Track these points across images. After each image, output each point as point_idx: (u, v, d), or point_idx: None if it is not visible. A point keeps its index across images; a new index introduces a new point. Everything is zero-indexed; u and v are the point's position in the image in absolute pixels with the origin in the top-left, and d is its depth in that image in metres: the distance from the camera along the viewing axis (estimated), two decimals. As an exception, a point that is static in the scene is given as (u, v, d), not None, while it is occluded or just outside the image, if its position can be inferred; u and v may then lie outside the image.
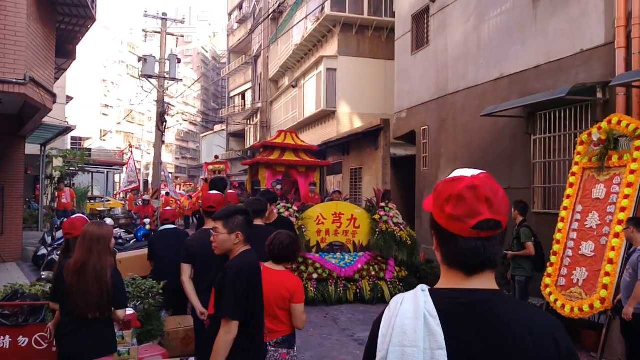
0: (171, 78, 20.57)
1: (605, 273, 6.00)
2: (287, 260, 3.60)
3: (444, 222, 1.27)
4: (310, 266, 8.77)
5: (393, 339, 1.20)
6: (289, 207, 9.06)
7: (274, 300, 3.43)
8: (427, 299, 1.22)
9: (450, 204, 1.24)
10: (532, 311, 1.28)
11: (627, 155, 6.23)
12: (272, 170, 13.13)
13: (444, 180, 1.30)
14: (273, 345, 3.42)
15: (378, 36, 19.80)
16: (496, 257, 1.27)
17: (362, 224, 9.40)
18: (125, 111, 49.44)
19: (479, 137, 9.98)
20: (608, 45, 7.05)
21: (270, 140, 13.82)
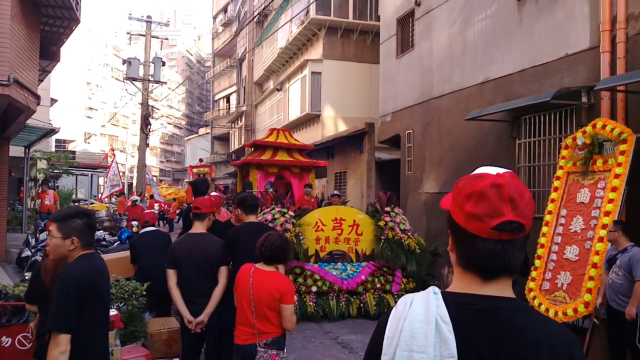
0: (156, 81, 20.46)
1: (590, 277, 5.99)
2: (279, 260, 3.59)
3: (463, 220, 1.19)
4: (309, 278, 7.91)
5: (401, 342, 1.13)
6: (284, 212, 8.14)
7: (265, 301, 3.43)
8: (440, 303, 1.15)
9: (471, 201, 1.17)
10: (550, 323, 1.21)
11: (612, 159, 6.24)
12: (264, 172, 12.27)
13: (466, 176, 1.23)
14: (262, 346, 3.43)
15: (363, 40, 19.84)
16: (515, 263, 1.19)
17: (365, 231, 8.58)
18: (110, 114, 48.95)
19: (464, 141, 9.98)
20: (593, 49, 7.08)
21: (261, 139, 12.90)
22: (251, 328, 3.47)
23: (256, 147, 12.90)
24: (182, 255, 4.21)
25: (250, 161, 12.24)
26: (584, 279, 6.06)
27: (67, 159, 21.50)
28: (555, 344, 1.14)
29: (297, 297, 7.28)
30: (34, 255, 9.56)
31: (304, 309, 7.59)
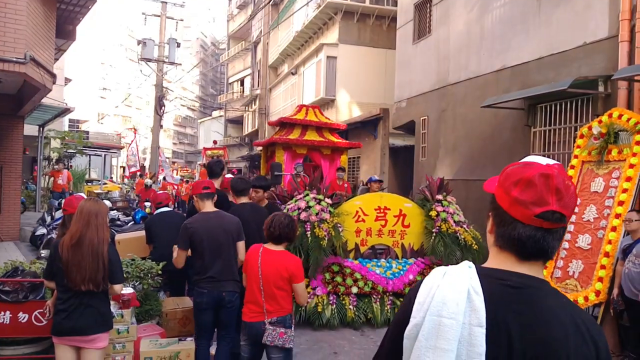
0: (170, 62, 20.49)
1: (601, 266, 6.04)
2: (288, 240, 3.71)
3: (507, 204, 1.23)
4: (348, 277, 6.80)
5: (432, 307, 1.16)
6: (320, 200, 6.84)
7: (273, 280, 3.54)
8: (473, 275, 1.19)
9: (519, 187, 1.21)
10: (579, 310, 1.25)
11: (627, 149, 6.25)
12: (292, 152, 11.06)
13: (516, 163, 1.27)
14: (270, 324, 3.54)
15: (379, 25, 19.72)
16: (553, 250, 1.23)
17: (413, 222, 7.39)
18: (124, 95, 49.18)
19: (478, 129, 9.98)
20: (612, 38, 7.04)
21: (289, 117, 11.50)
22: (259, 307, 3.57)
23: (282, 125, 11.49)
24: (203, 236, 4.23)
25: (277, 140, 10.95)
26: (596, 267, 6.12)
27: (80, 139, 21.65)
28: (581, 328, 1.18)
29: (335, 299, 6.61)
30: (50, 232, 9.64)
31: (343, 313, 6.54)
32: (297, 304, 6.13)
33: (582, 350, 1.16)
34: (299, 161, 10.82)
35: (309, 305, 6.40)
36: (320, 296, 6.55)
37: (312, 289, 6.57)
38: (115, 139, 37.24)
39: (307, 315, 6.37)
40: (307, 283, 6.50)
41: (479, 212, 7.17)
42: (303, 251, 6.30)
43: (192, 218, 4.54)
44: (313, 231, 6.45)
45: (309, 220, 6.52)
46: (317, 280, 6.69)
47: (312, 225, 6.49)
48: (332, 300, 6.57)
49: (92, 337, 3.41)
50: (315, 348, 5.83)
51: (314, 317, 6.35)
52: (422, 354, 1.15)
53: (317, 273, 6.66)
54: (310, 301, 6.41)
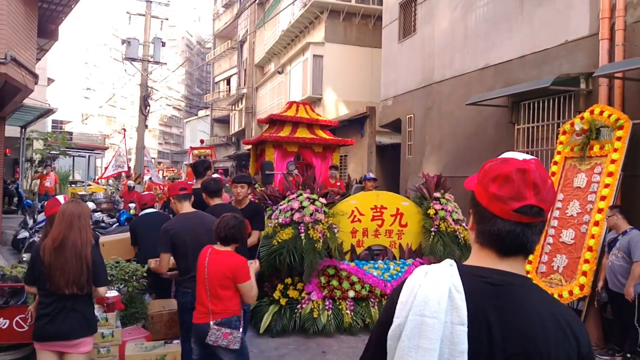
0: (155, 61, 20.34)
1: (585, 260, 6.13)
2: (235, 241, 3.70)
3: (486, 201, 1.24)
4: (345, 280, 6.54)
5: (414, 307, 1.16)
6: (314, 200, 6.48)
7: (217, 280, 3.56)
8: (455, 273, 1.20)
9: (496, 183, 1.22)
10: (559, 305, 1.27)
11: (609, 145, 6.35)
12: (282, 150, 10.62)
13: (493, 159, 1.29)
14: (215, 325, 3.54)
15: (365, 24, 19.77)
16: (532, 245, 1.24)
17: (411, 221, 7.14)
18: (108, 95, 48.76)
19: (464, 126, 10.05)
20: (592, 36, 7.14)
21: (279, 113, 11.10)
22: (205, 308, 3.59)
23: (272, 122, 11.10)
24: (185, 237, 4.24)
25: (267, 138, 10.48)
26: (580, 262, 6.21)
27: (64, 140, 21.40)
28: (562, 324, 1.20)
29: (331, 303, 6.37)
30: (32, 236, 9.43)
31: (340, 318, 6.30)
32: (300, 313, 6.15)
33: (563, 346, 1.18)
34: (290, 159, 10.28)
35: (303, 312, 6.20)
36: (316, 301, 6.33)
37: (307, 293, 6.37)
38: (99, 139, 36.89)
39: (301, 322, 6.16)
40: (301, 288, 6.41)
41: (464, 210, 7.21)
42: (297, 254, 6.04)
43: (171, 220, 4.55)
44: (307, 233, 6.13)
45: (303, 222, 6.23)
46: (312, 285, 6.44)
47: (306, 226, 6.20)
48: (328, 306, 6.34)
49: (75, 342, 3.37)
50: (302, 348, 5.84)
51: (309, 323, 6.13)
52: (405, 354, 1.15)
53: (311, 277, 6.41)
54: (305, 307, 6.24)
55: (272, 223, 6.44)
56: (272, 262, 6.09)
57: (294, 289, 6.44)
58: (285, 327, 6.11)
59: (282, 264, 6.13)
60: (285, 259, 6.03)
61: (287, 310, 6.24)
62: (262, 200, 7.20)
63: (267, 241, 6.17)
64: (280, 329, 6.09)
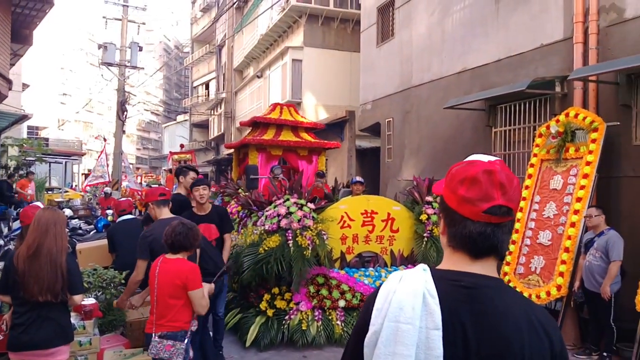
0: (132, 66, 20.17)
1: (562, 261, 6.22)
2: (184, 248, 3.58)
3: (455, 204, 1.26)
4: (335, 289, 6.27)
5: (389, 314, 1.17)
6: (302, 205, 6.26)
7: (167, 290, 3.44)
8: (428, 278, 1.20)
9: (464, 186, 1.24)
10: (532, 305, 1.28)
11: (584, 147, 6.45)
12: (266, 154, 10.25)
13: (459, 163, 1.31)
14: (157, 337, 3.43)
15: (344, 28, 19.86)
16: (504, 245, 1.26)
17: (402, 227, 6.93)
18: (85, 100, 48.14)
19: (442, 129, 10.13)
20: (567, 40, 7.26)
21: (263, 116, 10.74)
22: (152, 317, 3.51)
23: (255, 125, 10.71)
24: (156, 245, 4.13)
25: (250, 141, 10.08)
26: (557, 262, 6.29)
27: (40, 146, 21.08)
28: (535, 324, 1.21)
29: (321, 314, 6.11)
30: (7, 244, 9.29)
31: (330, 329, 6.04)
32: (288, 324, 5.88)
33: (536, 346, 1.19)
34: (274, 163, 9.98)
35: (291, 323, 5.93)
36: (305, 312, 6.06)
37: (295, 304, 6.11)
38: (76, 145, 36.38)
39: (290, 334, 5.89)
40: (289, 298, 6.15)
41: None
42: (285, 262, 5.78)
43: (151, 226, 4.49)
44: (295, 240, 5.89)
45: (291, 228, 5.97)
46: (300, 295, 6.16)
47: (294, 233, 5.95)
48: (317, 316, 6.07)
49: (51, 351, 3.32)
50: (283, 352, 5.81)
51: (298, 335, 5.86)
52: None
53: (300, 286, 6.16)
54: (293, 318, 5.98)
55: (257, 230, 6.17)
56: (259, 271, 5.81)
57: (282, 299, 6.16)
58: (273, 339, 5.83)
59: (269, 273, 5.82)
60: (272, 268, 5.73)
61: (275, 321, 5.97)
62: (246, 206, 7.00)
63: (253, 249, 5.92)
64: (267, 342, 5.80)
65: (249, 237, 6.21)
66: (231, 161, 28.93)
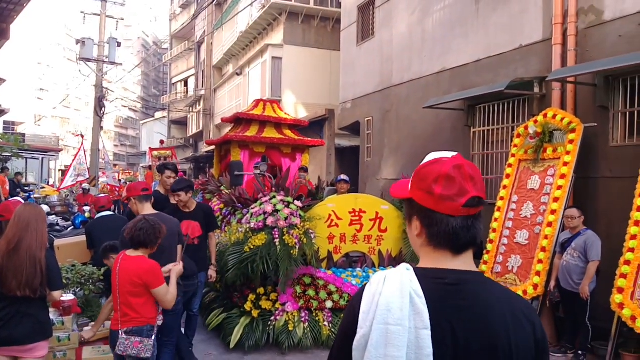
0: (111, 62, 19.90)
1: (539, 260, 6.28)
2: (144, 245, 3.53)
3: (433, 203, 1.26)
4: (322, 289, 6.14)
5: (377, 316, 1.16)
6: (288, 203, 6.14)
7: (127, 287, 3.42)
8: (413, 278, 1.20)
9: (440, 184, 1.25)
10: (512, 294, 1.31)
11: (561, 147, 6.53)
12: (249, 151, 9.99)
13: (425, 163, 1.31)
14: (124, 333, 3.40)
15: (324, 26, 19.83)
16: (480, 234, 1.30)
17: (391, 226, 6.80)
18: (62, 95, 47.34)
19: (421, 129, 10.18)
20: (546, 41, 7.33)
21: (246, 112, 10.49)
22: (117, 314, 3.48)
23: (238, 121, 10.42)
24: None
25: (233, 138, 9.78)
26: (534, 262, 6.35)
27: (16, 142, 20.70)
28: (517, 313, 1.24)
29: (307, 315, 5.98)
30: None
31: (317, 331, 5.90)
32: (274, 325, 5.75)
33: (521, 335, 1.22)
34: (257, 160, 9.82)
35: (277, 324, 5.77)
36: (291, 313, 5.90)
37: (281, 304, 5.95)
38: (53, 141, 35.79)
39: (275, 336, 5.72)
40: (275, 298, 6.00)
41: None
42: (271, 262, 5.60)
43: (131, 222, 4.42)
44: (282, 239, 5.72)
45: (277, 226, 5.82)
46: (287, 295, 6.02)
47: (281, 231, 5.79)
48: (304, 317, 5.92)
49: (30, 347, 3.31)
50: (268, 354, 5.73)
51: (284, 337, 5.70)
52: None
53: (286, 287, 6.00)
54: (279, 319, 5.82)
55: (243, 228, 6.00)
56: (244, 270, 5.62)
57: (267, 299, 6.01)
58: (258, 341, 5.66)
59: (254, 273, 5.64)
60: (258, 267, 5.56)
61: (260, 322, 5.80)
62: (229, 203, 6.85)
63: (238, 248, 5.75)
64: (252, 344, 5.64)
65: (233, 235, 6.06)
66: (210, 158, 28.59)
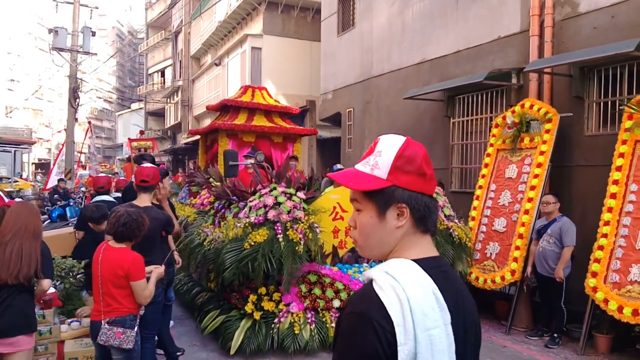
0: (85, 52, 19.54)
1: (516, 247, 6.46)
2: (128, 239, 3.55)
3: (422, 185, 1.20)
4: (328, 287, 5.69)
5: (417, 324, 1.04)
6: (291, 195, 5.70)
7: (109, 278, 3.43)
8: (424, 273, 1.12)
9: (426, 163, 1.20)
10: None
11: (538, 137, 6.69)
12: (238, 140, 9.37)
13: (403, 146, 1.20)
14: (107, 324, 3.41)
15: (304, 16, 19.76)
16: None
17: None
18: (35, 86, 46.34)
19: (401, 120, 10.28)
20: (523, 32, 7.47)
21: (233, 98, 9.80)
22: (99, 305, 3.48)
23: (225, 109, 9.71)
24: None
25: (221, 126, 9.16)
26: (511, 248, 6.52)
27: (-13, 134, 20.25)
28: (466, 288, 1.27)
29: (314, 315, 5.50)
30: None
31: (325, 332, 5.41)
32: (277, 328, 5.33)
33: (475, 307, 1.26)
34: (247, 150, 8.99)
35: (281, 327, 5.32)
36: (296, 314, 5.42)
37: (285, 305, 5.48)
38: (25, 133, 35.07)
39: (280, 339, 5.25)
40: (278, 299, 5.54)
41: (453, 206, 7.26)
42: (275, 259, 5.15)
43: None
44: (285, 234, 5.29)
45: (280, 220, 5.38)
46: (291, 295, 5.53)
47: (284, 226, 5.34)
48: (310, 318, 5.43)
49: (12, 340, 3.27)
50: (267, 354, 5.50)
51: (289, 340, 5.23)
52: None
53: (291, 285, 5.53)
54: (283, 321, 5.37)
55: (241, 223, 5.45)
56: (243, 269, 5.11)
57: (270, 300, 5.50)
58: (261, 345, 5.19)
59: (256, 272, 5.13)
60: (260, 265, 5.08)
61: (263, 325, 5.33)
62: (223, 195, 6.35)
63: (237, 244, 5.22)
64: (255, 349, 5.17)
65: (230, 230, 5.46)
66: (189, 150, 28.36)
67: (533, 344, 5.98)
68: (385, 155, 1.20)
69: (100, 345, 3.45)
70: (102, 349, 3.50)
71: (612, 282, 5.37)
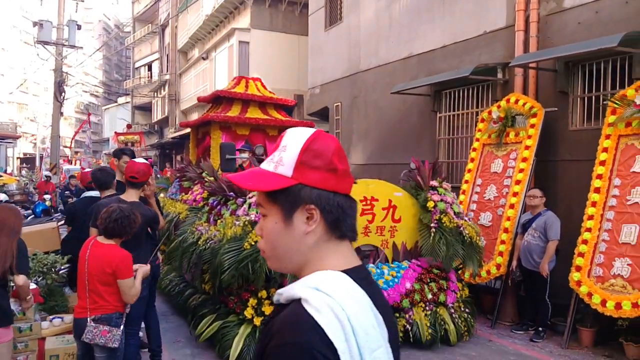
0: (71, 45, 19.32)
1: (501, 241, 6.49)
2: (119, 235, 3.48)
3: (335, 182, 1.03)
4: None
5: (362, 346, 0.92)
6: None
7: (97, 275, 3.38)
8: (357, 287, 0.98)
9: (338, 157, 1.04)
10: None
11: (523, 132, 6.72)
12: (231, 133, 8.95)
13: (309, 139, 1.04)
14: (92, 321, 3.35)
15: (291, 11, 19.69)
16: None
17: (405, 215, 5.92)
18: (19, 80, 45.74)
19: (389, 114, 10.28)
20: (509, 27, 7.49)
21: (227, 89, 9.42)
22: (84, 302, 3.43)
23: (217, 100, 9.34)
24: None
25: (214, 118, 8.75)
26: (496, 243, 6.56)
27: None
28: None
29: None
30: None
31: None
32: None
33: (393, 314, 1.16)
34: (240, 144, 8.75)
35: None
36: None
37: None
38: (10, 128, 34.66)
39: None
40: None
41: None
42: None
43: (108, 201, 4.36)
44: None
45: None
46: None
47: None
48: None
49: None
50: None
51: None
52: None
53: None
54: None
55: (240, 221, 5.10)
56: (243, 270, 4.75)
57: (271, 304, 5.06)
58: None
59: (257, 274, 4.78)
60: (262, 267, 4.73)
61: None
62: (219, 191, 5.96)
63: (236, 244, 4.89)
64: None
65: (228, 229, 5.12)
66: (177, 145, 28.20)
67: (518, 338, 6.03)
68: (290, 150, 1.03)
69: (84, 342, 3.39)
70: (85, 346, 3.45)
71: (596, 276, 5.42)
